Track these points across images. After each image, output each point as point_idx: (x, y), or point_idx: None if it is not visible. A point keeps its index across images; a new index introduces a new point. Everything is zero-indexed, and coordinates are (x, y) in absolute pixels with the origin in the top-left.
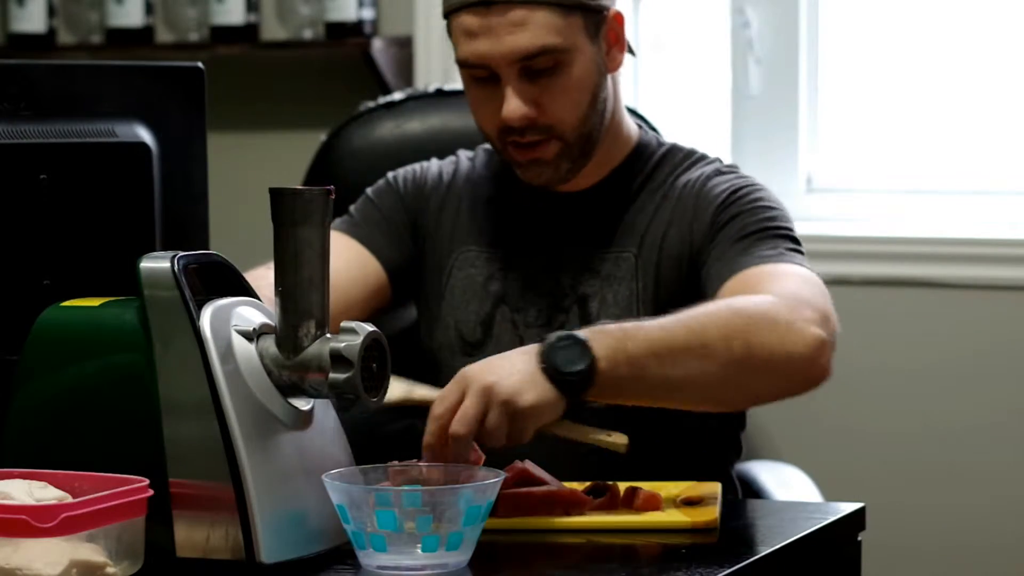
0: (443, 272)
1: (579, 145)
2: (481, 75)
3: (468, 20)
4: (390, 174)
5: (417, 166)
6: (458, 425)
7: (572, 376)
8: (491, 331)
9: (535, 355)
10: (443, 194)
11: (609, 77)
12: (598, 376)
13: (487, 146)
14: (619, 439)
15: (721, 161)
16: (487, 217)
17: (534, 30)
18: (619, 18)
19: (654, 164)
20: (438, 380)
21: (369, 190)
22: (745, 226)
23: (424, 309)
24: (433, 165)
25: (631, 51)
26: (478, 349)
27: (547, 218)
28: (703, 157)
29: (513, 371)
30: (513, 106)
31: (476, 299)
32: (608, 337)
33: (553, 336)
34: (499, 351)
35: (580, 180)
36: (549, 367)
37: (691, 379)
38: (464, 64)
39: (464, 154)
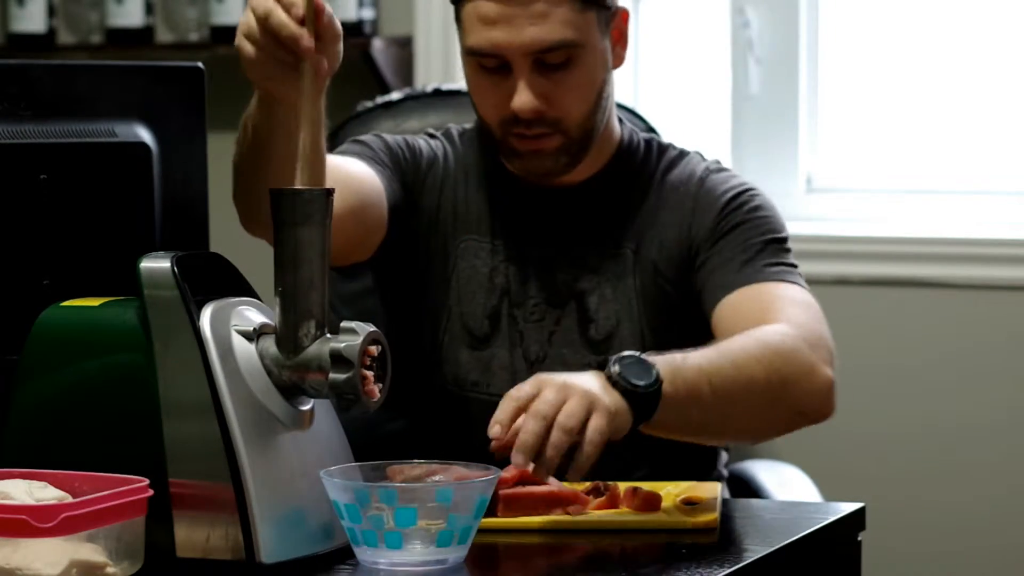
0: (448, 259)
1: (580, 140)
2: (490, 64)
3: (486, 7)
4: (374, 133)
5: (401, 136)
6: (540, 404)
7: (642, 388)
8: (498, 325)
9: (599, 373)
10: (440, 174)
11: (610, 74)
12: (663, 395)
13: (468, 126)
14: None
15: (702, 156)
16: (482, 207)
17: (554, 23)
18: (625, 15)
19: (640, 160)
20: (442, 372)
21: (360, 137)
22: (748, 238)
23: (427, 295)
24: (420, 140)
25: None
26: (485, 343)
27: (540, 212)
28: (684, 152)
29: (587, 379)
30: (525, 98)
31: (482, 291)
32: (663, 361)
33: (617, 356)
34: (503, 346)
35: (572, 174)
36: (619, 379)
37: (738, 410)
38: (475, 52)
39: (455, 129)
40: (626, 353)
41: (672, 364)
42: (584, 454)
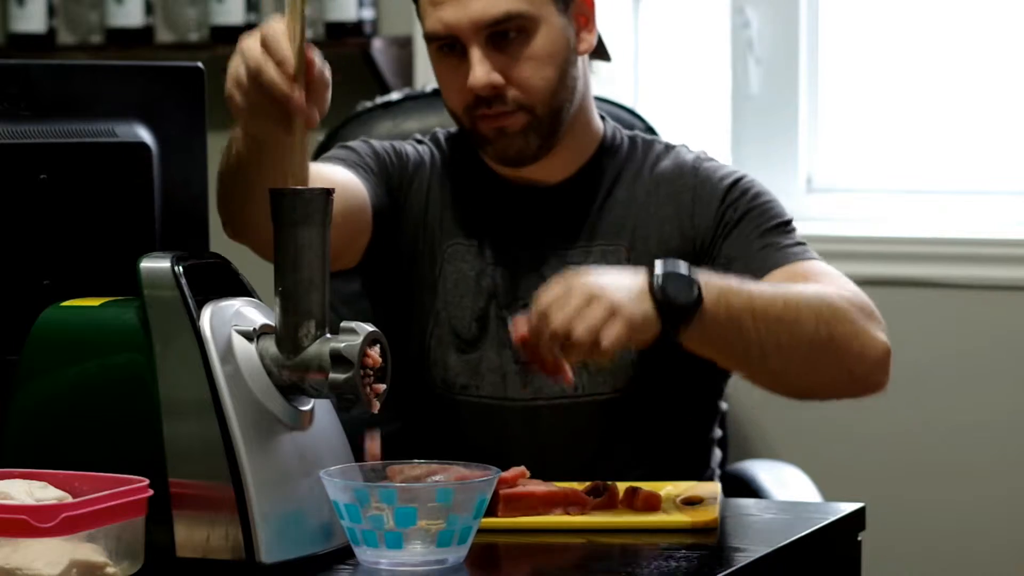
0: (435, 262)
1: (548, 120)
2: (448, 47)
3: None
4: (362, 138)
5: (388, 142)
6: (558, 311)
7: (679, 307)
8: (486, 328)
9: (644, 277)
10: (426, 178)
11: (580, 61)
12: (700, 315)
13: (454, 130)
14: None
15: (688, 148)
16: (468, 210)
17: None
18: (589, 0)
19: (624, 155)
20: (431, 376)
21: (348, 143)
22: (758, 225)
23: (414, 300)
24: (407, 145)
25: (606, 57)
26: (473, 346)
27: (526, 212)
28: (671, 145)
29: (622, 284)
30: (479, 73)
31: (469, 295)
32: (714, 282)
33: (663, 264)
34: (492, 348)
35: (554, 172)
36: (659, 291)
37: (778, 349)
38: (431, 37)
39: (442, 133)
40: (672, 261)
41: (721, 286)
42: (597, 359)
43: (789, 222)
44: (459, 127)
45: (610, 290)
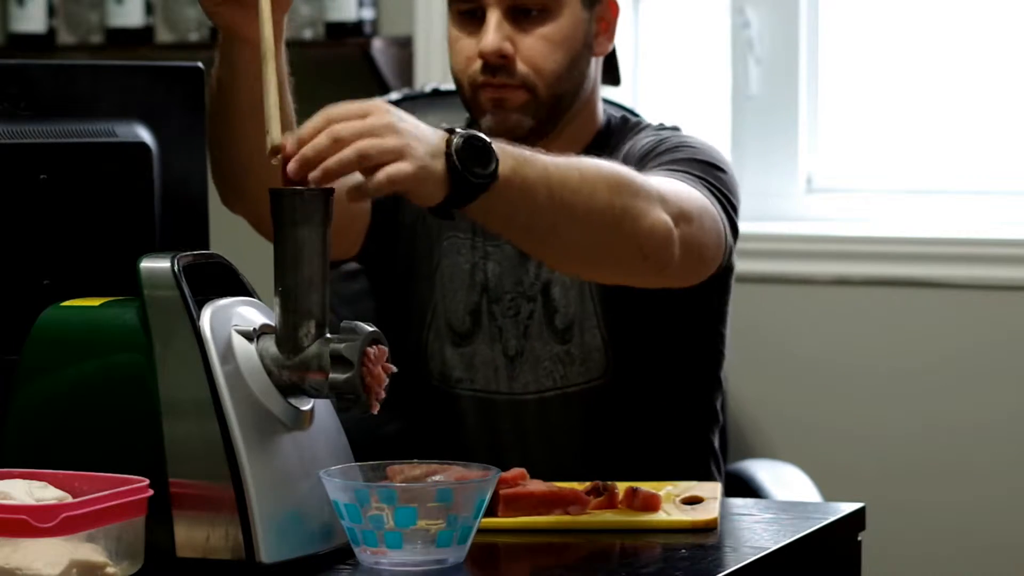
0: (432, 256)
1: (548, 105)
2: (469, 13)
3: None
4: None
5: None
6: (346, 128)
7: (474, 178)
8: (479, 321)
9: (443, 138)
10: None
11: (593, 62)
12: (492, 188)
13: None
14: None
15: (663, 125)
16: None
17: None
18: (614, 6)
19: (606, 141)
20: (428, 369)
21: None
22: (670, 158)
23: (414, 292)
24: None
25: (616, 80)
26: (467, 340)
27: None
28: (642, 125)
29: (423, 134)
30: (492, 38)
31: (464, 288)
32: (510, 153)
33: (464, 132)
34: (484, 342)
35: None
36: (455, 157)
37: (570, 221)
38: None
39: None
40: (474, 133)
41: (517, 157)
42: (367, 184)
43: (716, 166)
44: (460, 95)
45: (411, 133)
